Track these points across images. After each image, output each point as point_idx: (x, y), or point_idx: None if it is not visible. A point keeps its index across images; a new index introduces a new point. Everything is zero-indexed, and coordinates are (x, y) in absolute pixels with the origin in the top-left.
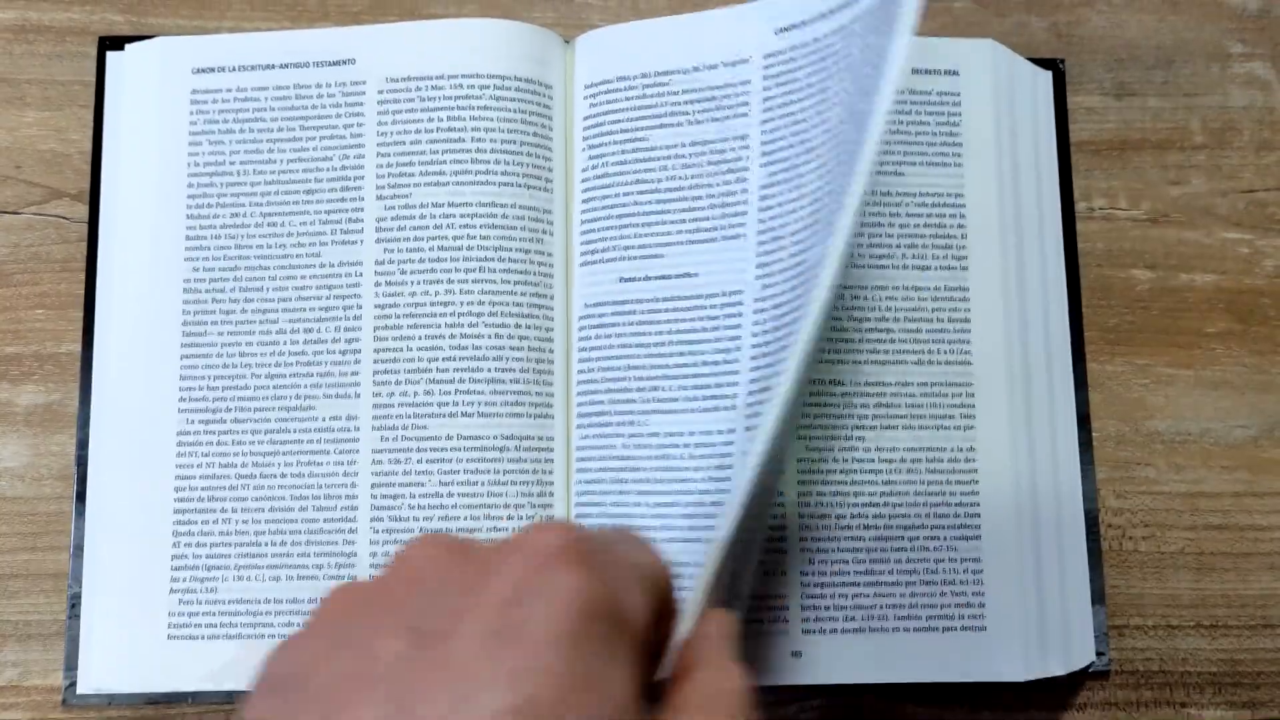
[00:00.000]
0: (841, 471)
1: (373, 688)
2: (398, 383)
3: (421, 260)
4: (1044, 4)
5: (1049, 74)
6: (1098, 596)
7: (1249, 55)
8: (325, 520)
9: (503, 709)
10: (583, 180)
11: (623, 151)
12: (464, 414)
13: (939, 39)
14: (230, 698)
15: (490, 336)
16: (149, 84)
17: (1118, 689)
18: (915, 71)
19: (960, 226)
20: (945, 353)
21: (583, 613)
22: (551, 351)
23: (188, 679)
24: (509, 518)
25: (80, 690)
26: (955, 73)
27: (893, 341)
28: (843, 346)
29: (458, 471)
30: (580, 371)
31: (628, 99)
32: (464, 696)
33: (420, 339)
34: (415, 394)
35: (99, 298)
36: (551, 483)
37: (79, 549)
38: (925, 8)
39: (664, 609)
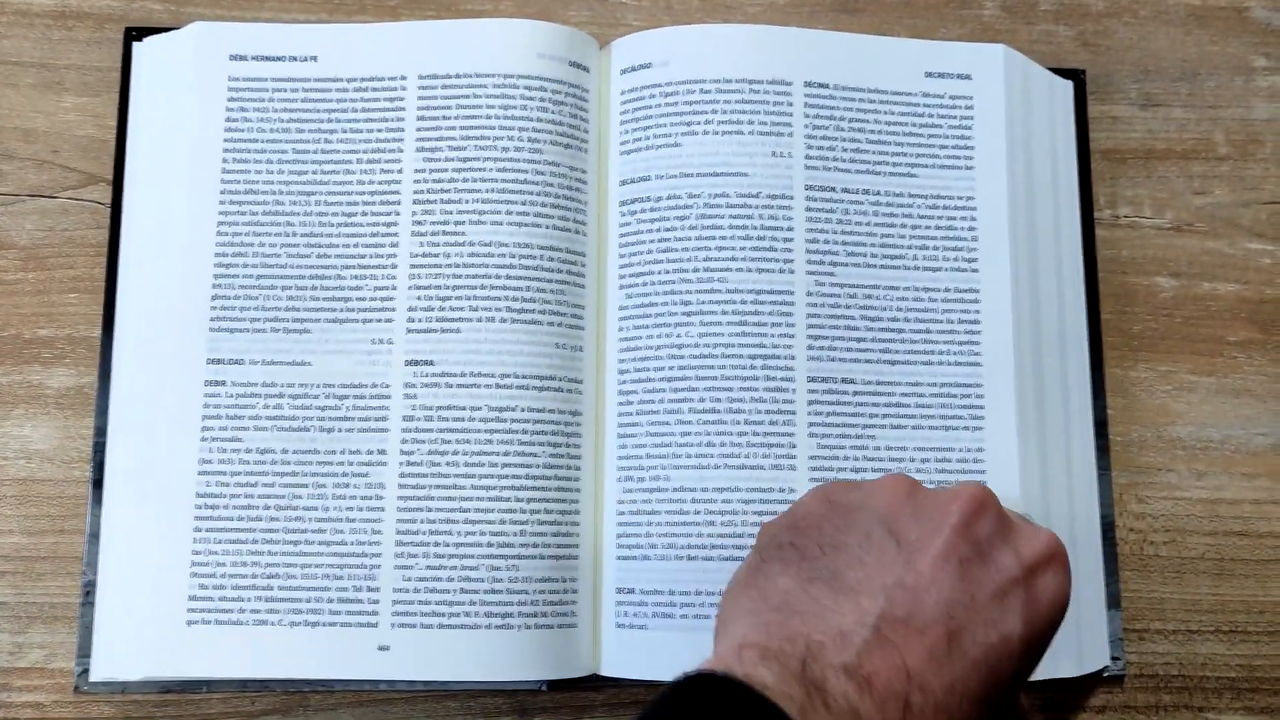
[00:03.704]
0: (853, 470)
1: (947, 559)
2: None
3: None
4: (1071, 14)
5: (1068, 83)
6: (1113, 601)
7: (1273, 69)
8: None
9: (1019, 633)
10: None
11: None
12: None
13: (952, 43)
14: (245, 686)
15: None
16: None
17: (1137, 692)
18: (929, 75)
19: (971, 230)
20: (955, 354)
21: (1063, 608)
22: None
23: (207, 665)
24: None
25: (93, 678)
26: (968, 77)
27: (904, 342)
28: (855, 345)
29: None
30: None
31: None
32: (1002, 606)
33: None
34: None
35: (120, 284)
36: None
37: (95, 536)
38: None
39: None
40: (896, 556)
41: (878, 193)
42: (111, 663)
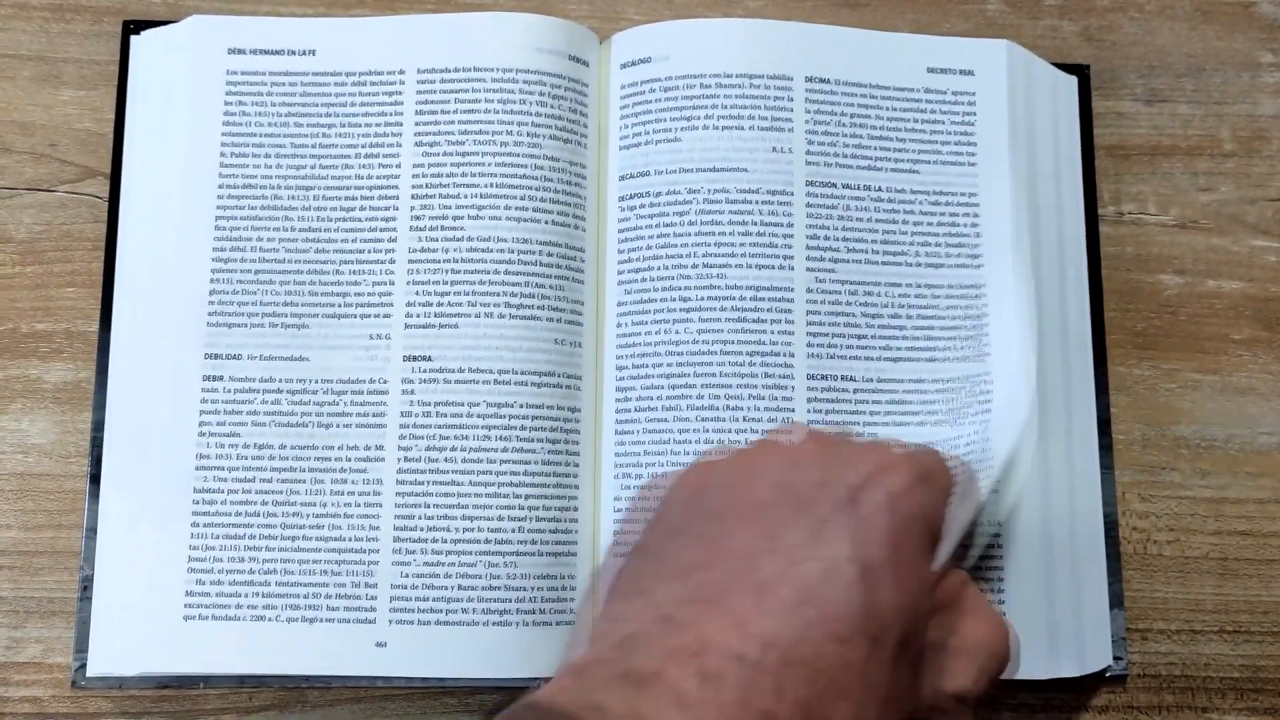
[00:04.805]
0: None
1: (750, 518)
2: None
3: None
4: (1076, 9)
5: (1073, 78)
6: (1116, 600)
7: (1279, 65)
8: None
9: (846, 556)
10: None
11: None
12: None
13: (954, 39)
14: (243, 682)
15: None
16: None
17: (1140, 692)
18: (930, 70)
19: (974, 225)
20: (959, 350)
21: (910, 513)
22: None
23: (204, 661)
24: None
25: (90, 673)
26: (970, 72)
27: (905, 339)
28: (855, 342)
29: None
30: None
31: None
32: (817, 538)
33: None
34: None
35: (118, 278)
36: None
37: (92, 531)
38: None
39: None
40: (699, 535)
41: (879, 189)
42: (109, 658)
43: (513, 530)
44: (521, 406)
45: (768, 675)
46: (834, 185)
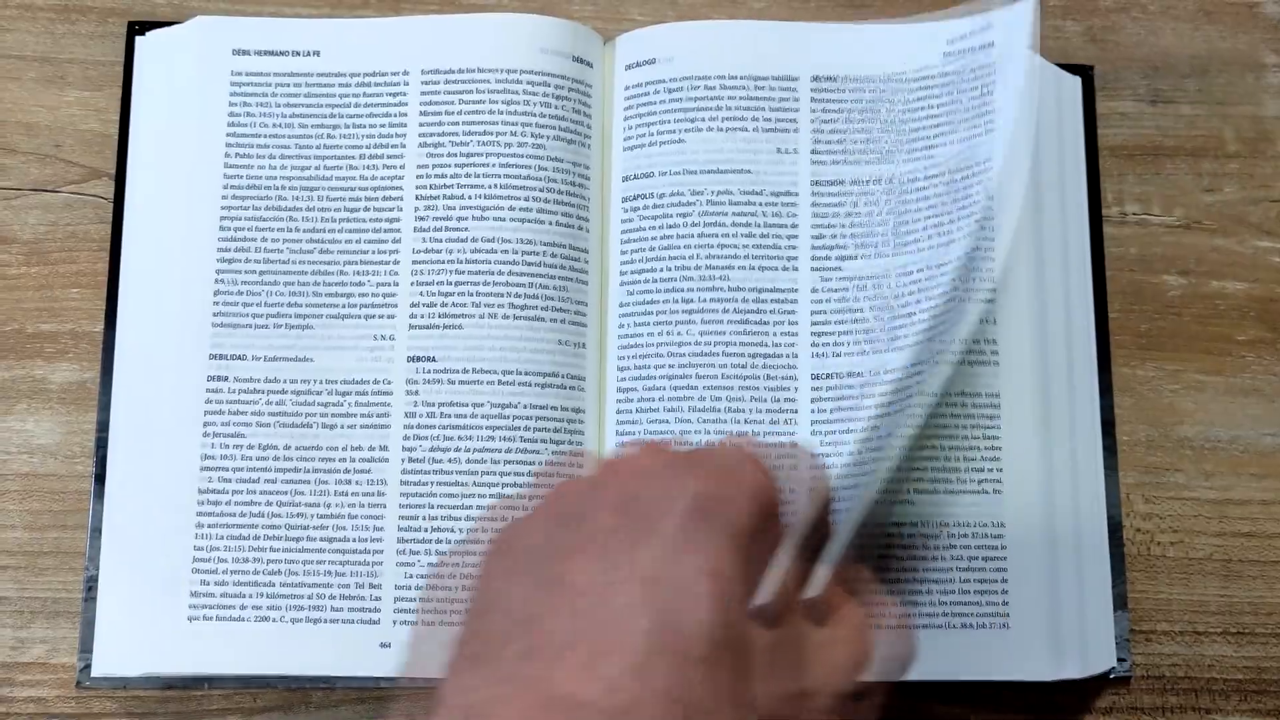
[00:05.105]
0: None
1: (586, 549)
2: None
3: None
4: (1080, 9)
5: (1076, 79)
6: (1119, 602)
7: None
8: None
9: (699, 569)
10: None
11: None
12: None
13: (966, 18)
14: (247, 682)
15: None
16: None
17: (1143, 694)
18: (948, 54)
19: (988, 195)
20: (966, 317)
21: (762, 513)
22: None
23: (208, 662)
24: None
25: (95, 673)
26: (991, 45)
27: (913, 324)
28: (862, 337)
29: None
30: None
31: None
32: (666, 557)
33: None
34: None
35: (123, 279)
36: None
37: (97, 531)
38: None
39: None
40: (540, 580)
41: (891, 179)
42: (113, 658)
43: None
44: (525, 407)
45: (621, 717)
46: (842, 183)
